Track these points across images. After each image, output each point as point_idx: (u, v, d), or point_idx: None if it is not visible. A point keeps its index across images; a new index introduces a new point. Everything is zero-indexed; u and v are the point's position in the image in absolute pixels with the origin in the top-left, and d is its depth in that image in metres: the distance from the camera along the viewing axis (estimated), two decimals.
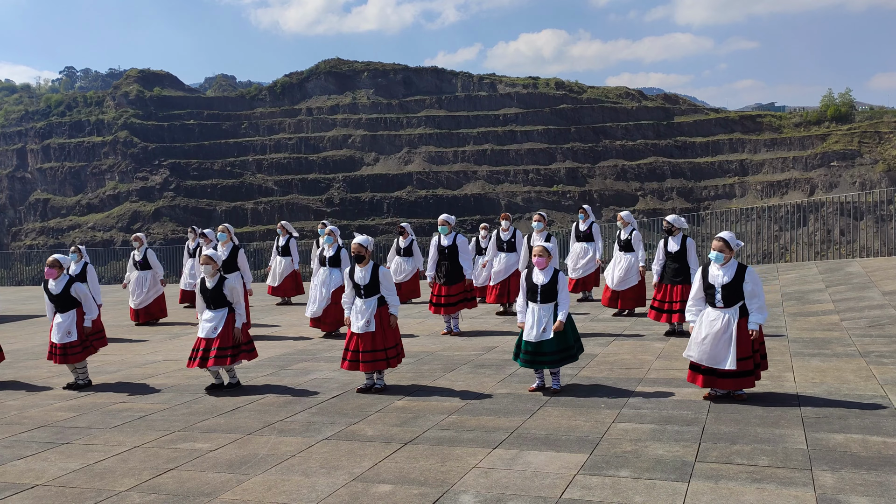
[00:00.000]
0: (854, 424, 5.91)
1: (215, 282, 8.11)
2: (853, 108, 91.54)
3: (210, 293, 8.11)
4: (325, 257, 11.30)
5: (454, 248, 11.03)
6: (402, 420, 6.69)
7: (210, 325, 8.06)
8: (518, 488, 4.95)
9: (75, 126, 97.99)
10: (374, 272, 7.72)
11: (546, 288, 7.28)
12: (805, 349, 8.83)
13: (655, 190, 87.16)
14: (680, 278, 9.88)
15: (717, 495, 4.66)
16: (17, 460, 6.07)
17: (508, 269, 12.39)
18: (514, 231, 12.69)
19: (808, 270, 15.63)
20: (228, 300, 8.12)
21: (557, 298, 7.30)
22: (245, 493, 5.10)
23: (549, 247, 7.39)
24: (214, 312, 8.12)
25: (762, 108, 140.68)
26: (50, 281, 8.62)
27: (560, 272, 7.40)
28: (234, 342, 8.09)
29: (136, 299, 13.80)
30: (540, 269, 7.34)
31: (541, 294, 7.28)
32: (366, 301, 7.71)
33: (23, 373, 9.92)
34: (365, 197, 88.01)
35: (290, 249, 15.21)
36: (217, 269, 8.15)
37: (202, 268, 8.16)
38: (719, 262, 6.76)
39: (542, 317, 7.26)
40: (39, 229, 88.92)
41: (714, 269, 6.81)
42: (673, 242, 10.05)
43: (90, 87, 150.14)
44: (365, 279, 7.71)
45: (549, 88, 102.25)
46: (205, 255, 8.16)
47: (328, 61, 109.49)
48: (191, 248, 15.33)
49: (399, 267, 14.79)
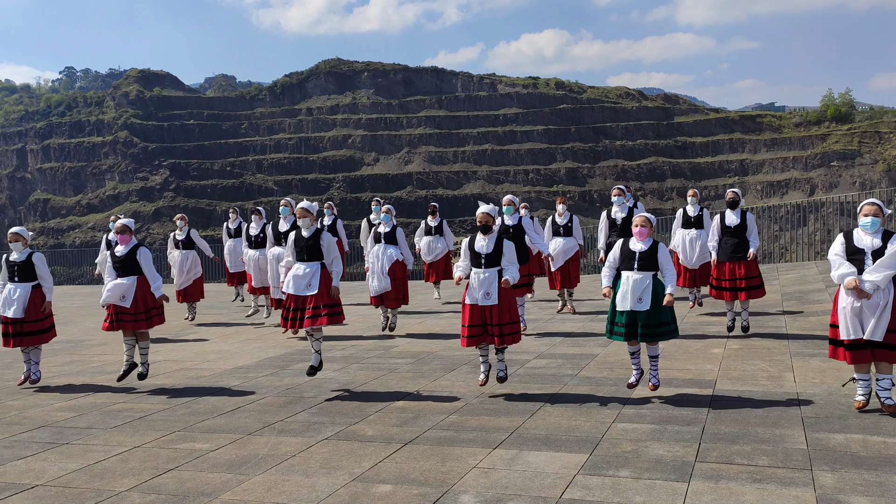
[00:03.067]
0: (854, 424, 5.91)
1: (312, 232, 7.79)
2: (853, 108, 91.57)
3: (305, 243, 7.77)
4: (380, 234, 11.42)
5: (519, 228, 10.59)
6: (402, 420, 6.69)
7: (304, 280, 7.69)
8: (518, 488, 4.95)
9: (75, 126, 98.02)
10: (498, 241, 7.33)
11: (645, 255, 6.89)
12: (805, 349, 8.84)
13: (655, 190, 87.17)
14: (740, 254, 9.52)
15: (717, 495, 4.66)
16: (17, 460, 6.07)
17: (567, 253, 12.26)
18: (571, 216, 12.57)
19: (808, 270, 15.63)
20: (324, 253, 7.79)
21: (661, 270, 6.93)
22: (245, 494, 5.10)
23: (650, 217, 7.08)
24: (308, 266, 7.76)
25: (762, 107, 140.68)
26: (119, 246, 8.56)
27: (661, 244, 7.00)
28: (330, 300, 7.71)
29: (177, 280, 13.92)
30: (640, 239, 6.97)
31: (638, 261, 6.88)
32: (486, 270, 7.26)
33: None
34: (365, 197, 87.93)
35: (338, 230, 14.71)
36: (314, 221, 7.86)
37: (300, 221, 7.81)
38: (874, 229, 6.18)
39: (638, 285, 6.84)
40: (39, 229, 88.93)
41: (860, 233, 6.26)
42: (733, 216, 9.67)
43: (90, 87, 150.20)
44: (489, 248, 7.29)
45: (549, 88, 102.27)
46: (300, 208, 7.84)
47: (328, 61, 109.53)
48: (231, 228, 15.18)
49: (429, 246, 14.72)
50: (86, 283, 29.93)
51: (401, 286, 11.36)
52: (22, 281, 8.66)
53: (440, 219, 14.97)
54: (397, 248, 11.31)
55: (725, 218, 9.79)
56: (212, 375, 9.15)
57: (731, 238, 9.68)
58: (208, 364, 9.93)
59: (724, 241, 9.75)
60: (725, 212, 9.89)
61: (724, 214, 9.86)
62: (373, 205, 14.69)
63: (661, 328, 6.89)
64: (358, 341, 10.99)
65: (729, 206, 9.90)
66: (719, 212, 10.04)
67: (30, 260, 8.68)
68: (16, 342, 8.62)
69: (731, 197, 9.94)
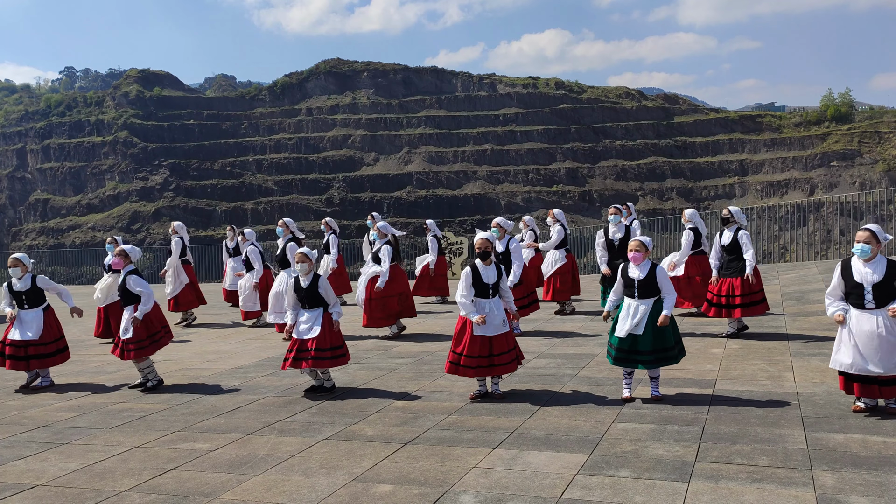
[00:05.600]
0: (854, 424, 5.91)
1: (310, 280, 7.78)
2: (853, 108, 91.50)
3: (305, 292, 7.78)
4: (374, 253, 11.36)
5: (507, 253, 10.35)
6: (402, 420, 6.69)
7: (306, 325, 7.74)
8: (518, 488, 4.95)
9: (75, 126, 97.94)
10: (498, 270, 7.27)
11: (643, 282, 6.83)
12: (805, 349, 8.84)
13: (655, 190, 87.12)
14: (735, 272, 9.48)
15: (717, 495, 4.66)
16: (17, 460, 6.07)
17: (553, 264, 12.32)
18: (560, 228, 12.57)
19: (808, 270, 15.63)
20: (324, 299, 7.82)
21: (661, 293, 6.85)
22: (245, 493, 5.10)
23: (645, 241, 6.96)
24: (310, 312, 7.80)
25: (762, 107, 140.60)
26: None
27: (658, 266, 6.95)
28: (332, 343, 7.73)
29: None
30: (636, 265, 6.90)
31: (638, 289, 6.84)
32: (492, 301, 7.20)
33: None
34: (365, 197, 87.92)
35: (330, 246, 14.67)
36: (311, 267, 7.85)
37: (297, 266, 7.82)
38: (864, 257, 6.07)
39: (638, 312, 6.79)
40: (39, 229, 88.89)
41: (859, 264, 6.12)
42: (728, 234, 9.66)
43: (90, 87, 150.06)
44: (492, 278, 7.22)
45: (549, 88, 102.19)
46: (300, 252, 7.84)
47: (328, 61, 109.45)
48: (229, 247, 15.23)
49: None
50: (85, 283, 29.91)
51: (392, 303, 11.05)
52: (32, 307, 8.80)
53: (433, 236, 14.96)
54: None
55: (722, 237, 9.75)
56: (212, 375, 9.15)
57: (727, 255, 9.66)
58: (208, 364, 9.93)
59: (723, 258, 9.72)
60: (723, 230, 9.82)
61: (722, 233, 9.80)
62: (368, 220, 14.47)
63: (663, 353, 6.79)
64: (358, 341, 10.98)
65: (723, 223, 9.88)
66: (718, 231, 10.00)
67: (35, 286, 8.78)
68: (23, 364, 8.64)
69: (724, 215, 9.87)
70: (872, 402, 6.25)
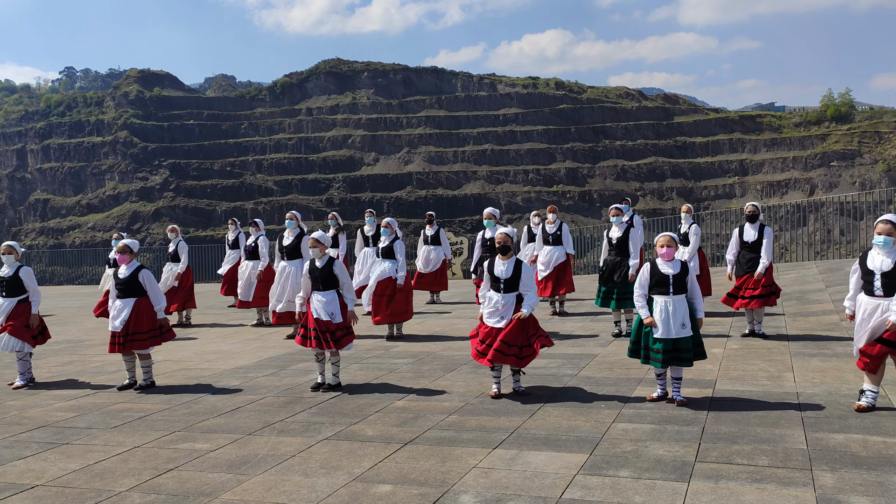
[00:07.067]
0: (854, 424, 5.91)
1: (324, 262, 7.94)
2: (853, 108, 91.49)
3: (320, 272, 7.92)
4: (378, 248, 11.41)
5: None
6: (402, 420, 6.69)
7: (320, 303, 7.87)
8: (518, 488, 4.95)
9: (75, 126, 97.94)
10: (516, 267, 7.22)
11: (678, 278, 6.65)
12: (805, 349, 8.84)
13: (655, 190, 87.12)
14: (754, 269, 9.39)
15: (717, 495, 4.66)
16: (17, 460, 6.07)
17: (555, 261, 12.29)
18: (560, 224, 12.57)
19: (808, 270, 15.63)
20: (338, 279, 7.95)
21: (690, 292, 6.74)
22: (245, 494, 5.10)
23: (675, 236, 6.84)
24: (323, 295, 7.92)
25: (762, 107, 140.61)
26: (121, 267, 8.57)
27: (687, 263, 6.80)
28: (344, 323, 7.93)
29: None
30: (667, 261, 6.73)
31: (673, 285, 6.64)
32: (504, 296, 7.20)
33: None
34: (365, 197, 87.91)
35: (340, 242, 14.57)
36: (324, 251, 8.01)
37: (311, 251, 8.01)
38: (887, 248, 6.07)
39: (678, 309, 6.62)
40: (39, 229, 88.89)
41: (875, 253, 6.15)
42: (752, 231, 9.49)
43: (90, 87, 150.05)
44: (507, 273, 7.20)
45: (549, 88, 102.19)
46: (312, 238, 8.01)
47: (328, 61, 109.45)
48: (230, 239, 15.19)
49: (426, 257, 14.69)
50: (85, 283, 29.92)
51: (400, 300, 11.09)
52: (10, 296, 8.87)
53: (437, 227, 14.94)
54: (394, 263, 11.09)
55: (744, 233, 9.58)
56: (212, 375, 9.15)
57: (748, 253, 9.51)
58: (208, 364, 9.93)
59: (741, 255, 9.58)
60: (745, 226, 9.65)
61: (743, 228, 9.63)
62: (366, 216, 14.48)
63: (699, 348, 6.77)
64: (358, 341, 10.97)
65: (748, 219, 9.65)
66: (738, 225, 9.87)
67: (17, 275, 8.85)
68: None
69: (751, 210, 9.67)
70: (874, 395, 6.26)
